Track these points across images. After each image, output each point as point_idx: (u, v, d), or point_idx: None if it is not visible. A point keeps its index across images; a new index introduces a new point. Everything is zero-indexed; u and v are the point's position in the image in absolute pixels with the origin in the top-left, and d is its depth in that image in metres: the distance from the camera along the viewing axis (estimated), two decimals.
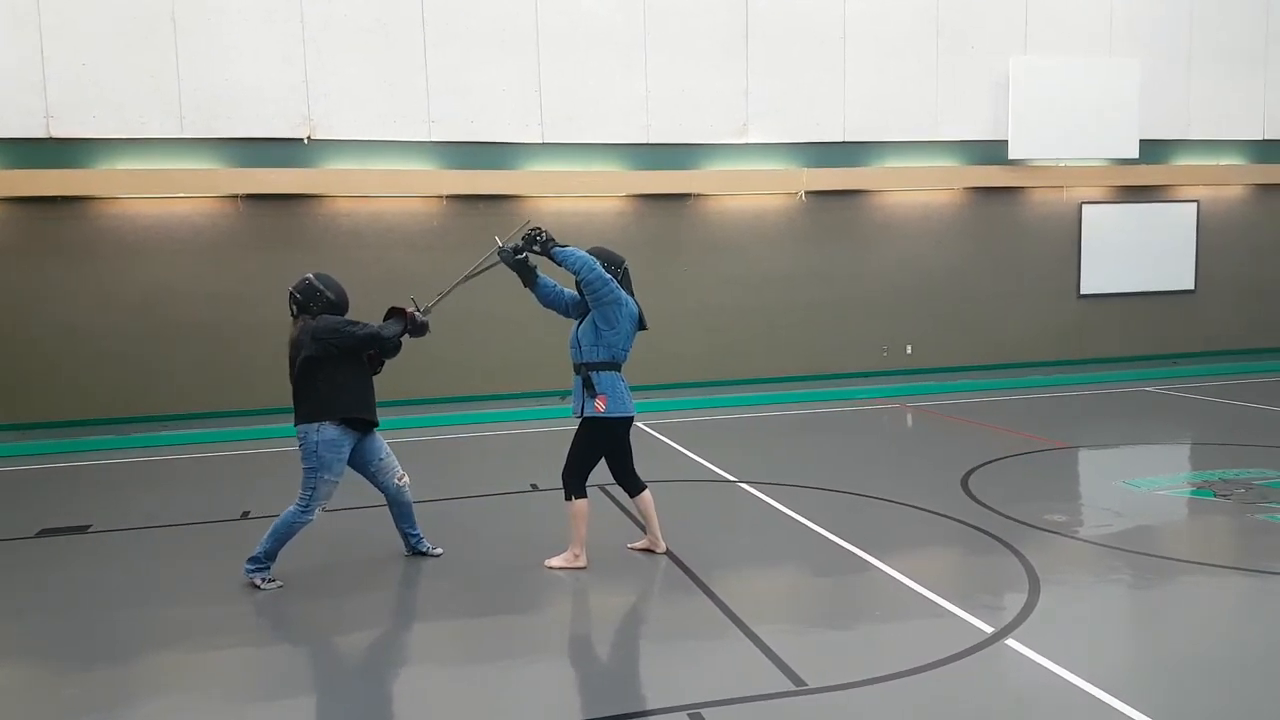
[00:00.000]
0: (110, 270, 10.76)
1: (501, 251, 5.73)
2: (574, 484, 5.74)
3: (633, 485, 5.92)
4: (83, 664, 4.62)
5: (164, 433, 10.73)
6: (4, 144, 10.30)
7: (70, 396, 10.74)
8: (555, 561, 5.83)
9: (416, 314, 5.78)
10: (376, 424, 5.80)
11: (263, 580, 5.60)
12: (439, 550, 6.16)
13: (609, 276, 5.53)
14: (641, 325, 5.79)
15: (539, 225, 5.73)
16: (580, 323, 5.74)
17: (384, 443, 5.92)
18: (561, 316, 5.94)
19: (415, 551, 6.12)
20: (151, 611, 5.31)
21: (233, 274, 11.04)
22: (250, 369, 10.98)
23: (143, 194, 10.68)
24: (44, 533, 6.99)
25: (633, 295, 5.74)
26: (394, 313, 5.82)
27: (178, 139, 10.72)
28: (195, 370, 11.03)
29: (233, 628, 5.06)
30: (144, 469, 9.40)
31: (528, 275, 5.76)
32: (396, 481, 5.94)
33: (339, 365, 5.55)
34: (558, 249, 5.54)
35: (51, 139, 10.40)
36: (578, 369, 5.69)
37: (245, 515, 7.31)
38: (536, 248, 5.60)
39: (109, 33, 10.45)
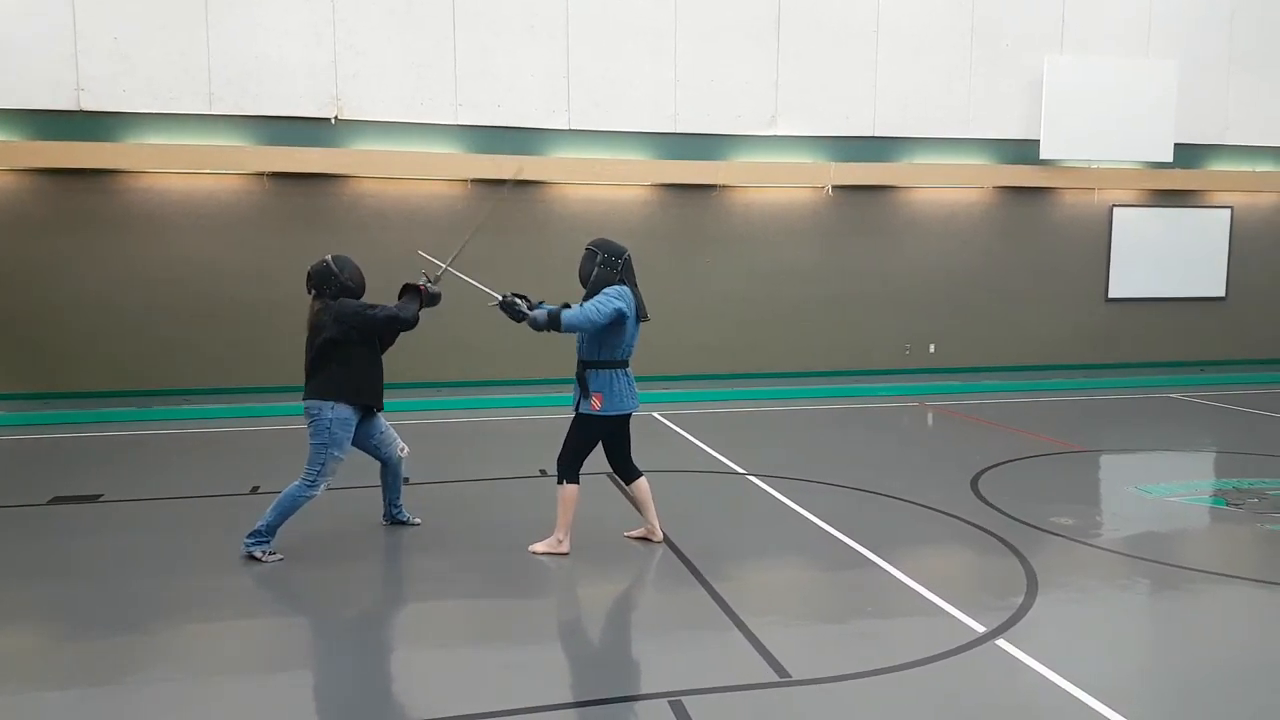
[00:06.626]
0: (137, 244, 10.89)
1: (504, 306, 5.56)
2: (567, 470, 5.76)
3: (628, 473, 5.94)
4: (81, 631, 4.69)
5: (184, 406, 10.88)
6: (35, 115, 10.44)
7: (93, 368, 10.89)
8: (539, 547, 5.85)
9: (429, 286, 5.85)
10: (381, 408, 5.97)
11: (263, 553, 5.67)
12: (417, 520, 6.36)
13: (609, 310, 5.41)
14: (643, 316, 5.71)
15: (505, 300, 5.50)
16: None
17: (382, 418, 6.07)
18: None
19: (394, 520, 6.33)
20: (152, 581, 5.37)
21: (258, 251, 11.14)
22: (272, 346, 11.08)
23: (171, 169, 10.80)
24: (55, 500, 7.11)
25: (635, 284, 5.67)
26: (407, 289, 5.88)
27: (207, 115, 10.82)
28: (218, 345, 11.15)
29: (232, 600, 5.12)
30: (162, 441, 9.53)
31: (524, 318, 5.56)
32: (399, 453, 6.13)
33: (356, 349, 5.72)
34: (557, 318, 5.35)
35: (81, 112, 10.53)
36: (578, 365, 5.66)
37: (255, 490, 7.38)
38: (525, 323, 5.46)
39: (141, 7, 10.55)
